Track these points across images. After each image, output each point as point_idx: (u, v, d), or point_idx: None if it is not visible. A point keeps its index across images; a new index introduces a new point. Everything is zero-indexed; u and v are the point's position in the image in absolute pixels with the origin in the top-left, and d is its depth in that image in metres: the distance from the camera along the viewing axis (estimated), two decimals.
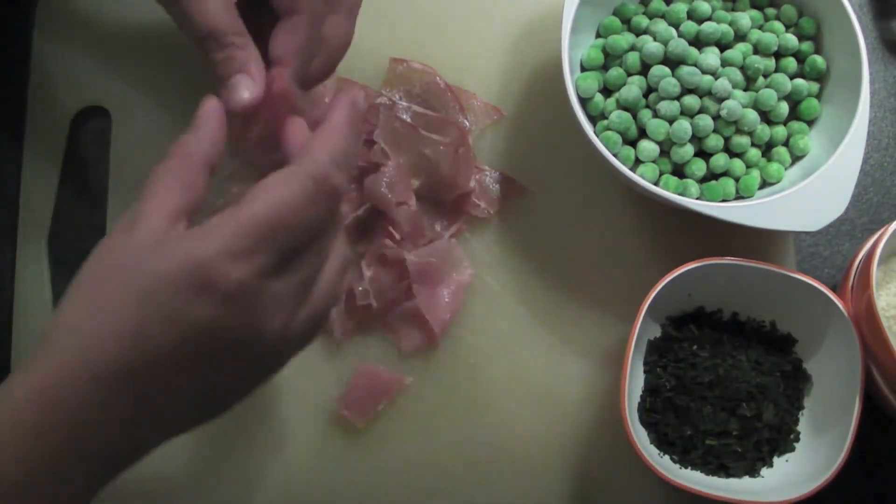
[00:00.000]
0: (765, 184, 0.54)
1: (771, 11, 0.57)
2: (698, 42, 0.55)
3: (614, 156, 0.52)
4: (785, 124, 0.55)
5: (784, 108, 0.54)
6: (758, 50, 0.55)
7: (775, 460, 0.52)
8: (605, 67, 0.55)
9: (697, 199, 0.52)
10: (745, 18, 0.55)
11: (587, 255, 0.57)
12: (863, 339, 0.49)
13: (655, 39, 0.54)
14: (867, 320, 0.48)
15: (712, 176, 0.54)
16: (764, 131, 0.54)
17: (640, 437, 0.50)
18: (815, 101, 0.55)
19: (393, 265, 0.54)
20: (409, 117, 0.56)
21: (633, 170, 0.53)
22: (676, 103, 0.53)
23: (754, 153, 0.54)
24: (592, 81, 0.54)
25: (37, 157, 0.57)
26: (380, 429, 0.53)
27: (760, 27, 0.56)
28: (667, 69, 0.53)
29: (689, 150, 0.53)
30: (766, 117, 0.54)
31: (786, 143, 0.55)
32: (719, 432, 0.50)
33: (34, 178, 0.57)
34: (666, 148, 0.53)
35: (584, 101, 0.54)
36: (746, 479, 0.51)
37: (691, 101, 0.53)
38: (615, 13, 0.56)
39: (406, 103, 0.57)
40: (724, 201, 0.53)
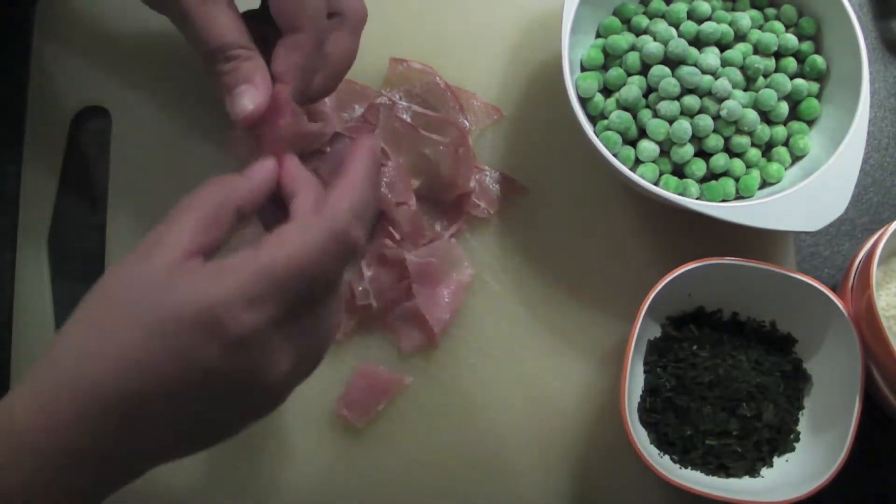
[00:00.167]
0: (765, 184, 0.54)
1: (771, 11, 0.57)
2: (698, 42, 0.55)
3: (614, 156, 0.52)
4: (785, 124, 0.55)
5: (784, 108, 0.54)
6: (758, 50, 0.55)
7: (775, 460, 0.52)
8: (605, 67, 0.55)
9: (697, 199, 0.52)
10: (745, 18, 0.55)
11: (587, 255, 0.57)
12: (863, 339, 0.49)
13: (655, 39, 0.54)
14: (867, 320, 0.48)
15: (712, 176, 0.54)
16: (764, 131, 0.54)
17: (640, 437, 0.50)
18: (815, 101, 0.55)
19: (393, 265, 0.54)
20: (409, 117, 0.56)
21: (633, 170, 0.53)
22: (676, 103, 0.53)
23: (754, 153, 0.54)
24: (592, 81, 0.54)
25: (37, 157, 0.57)
26: (380, 429, 0.53)
27: (760, 27, 0.56)
28: (667, 69, 0.53)
29: (689, 150, 0.53)
30: (766, 117, 0.54)
31: (786, 143, 0.55)
32: (719, 432, 0.50)
33: (34, 178, 0.57)
34: (666, 148, 0.53)
35: (584, 101, 0.54)
36: (746, 479, 0.51)
37: (691, 101, 0.53)
38: (615, 13, 0.56)
39: (406, 103, 0.57)
40: (724, 201, 0.53)
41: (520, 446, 0.53)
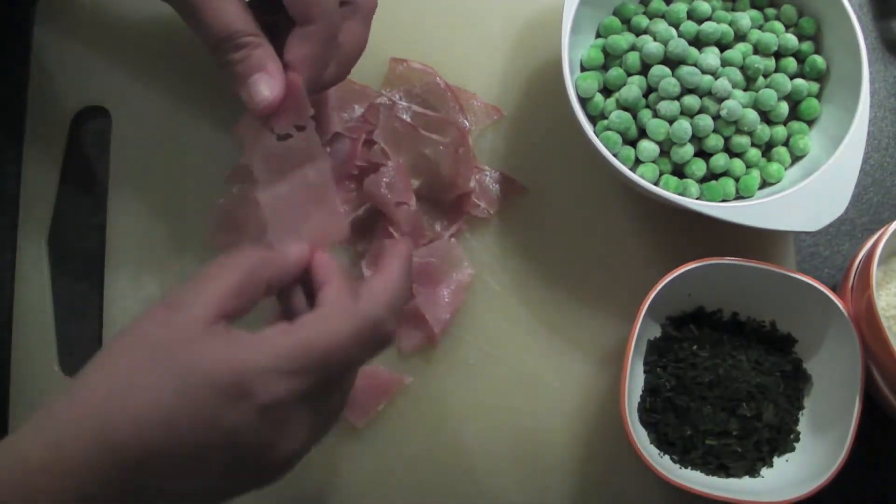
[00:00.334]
0: (765, 184, 0.54)
1: (771, 11, 0.57)
2: (698, 42, 0.55)
3: (614, 156, 0.52)
4: (785, 124, 0.55)
5: (784, 108, 0.54)
6: (758, 50, 0.55)
7: (775, 460, 0.52)
8: (605, 67, 0.55)
9: (697, 199, 0.52)
10: (745, 18, 0.55)
11: (587, 255, 0.57)
12: (863, 339, 0.49)
13: (655, 39, 0.54)
14: (867, 320, 0.48)
15: (712, 176, 0.54)
16: (764, 131, 0.54)
17: (640, 437, 0.50)
18: (815, 101, 0.55)
19: None
20: (409, 117, 0.56)
21: (633, 170, 0.53)
22: (676, 103, 0.53)
23: (754, 153, 0.54)
24: (592, 81, 0.54)
25: (37, 157, 0.57)
26: (380, 429, 0.53)
27: (760, 27, 0.56)
28: (667, 69, 0.53)
29: (689, 150, 0.53)
30: (766, 117, 0.54)
31: (786, 143, 0.55)
32: (719, 432, 0.50)
33: (34, 178, 0.57)
34: (666, 148, 0.53)
35: (584, 101, 0.54)
36: (746, 479, 0.51)
37: (691, 101, 0.53)
38: (615, 13, 0.56)
39: (406, 103, 0.57)
40: (724, 201, 0.53)
41: (520, 446, 0.53)
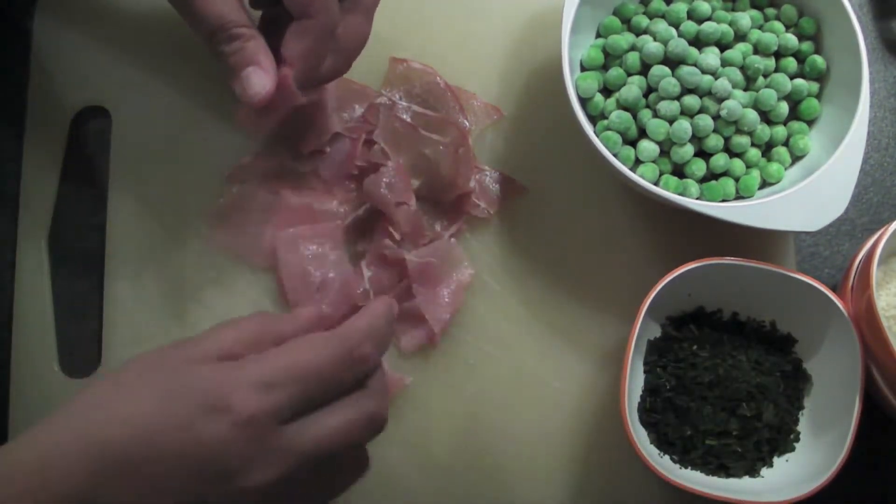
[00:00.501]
0: (765, 184, 0.54)
1: (771, 11, 0.57)
2: (698, 42, 0.55)
3: (614, 156, 0.52)
4: (785, 124, 0.55)
5: (784, 108, 0.54)
6: (758, 50, 0.55)
7: (775, 460, 0.52)
8: (605, 67, 0.55)
9: (697, 199, 0.52)
10: (745, 18, 0.55)
11: (587, 255, 0.57)
12: (863, 339, 0.49)
13: (655, 39, 0.54)
14: (867, 320, 0.48)
15: (712, 176, 0.54)
16: (764, 131, 0.54)
17: (640, 437, 0.50)
18: (815, 101, 0.55)
19: (393, 265, 0.54)
20: (409, 117, 0.56)
21: (633, 170, 0.53)
22: (676, 103, 0.53)
23: (754, 153, 0.54)
24: (592, 81, 0.54)
25: (37, 156, 0.57)
26: None
27: (760, 27, 0.56)
28: (667, 69, 0.53)
29: (689, 150, 0.53)
30: (766, 117, 0.54)
31: (786, 143, 0.55)
32: (719, 432, 0.50)
33: (34, 177, 0.57)
34: (666, 148, 0.53)
35: (584, 101, 0.54)
36: (746, 479, 0.51)
37: (691, 101, 0.53)
38: (615, 13, 0.56)
39: (406, 103, 0.57)
40: (724, 201, 0.53)
41: (519, 446, 0.53)
